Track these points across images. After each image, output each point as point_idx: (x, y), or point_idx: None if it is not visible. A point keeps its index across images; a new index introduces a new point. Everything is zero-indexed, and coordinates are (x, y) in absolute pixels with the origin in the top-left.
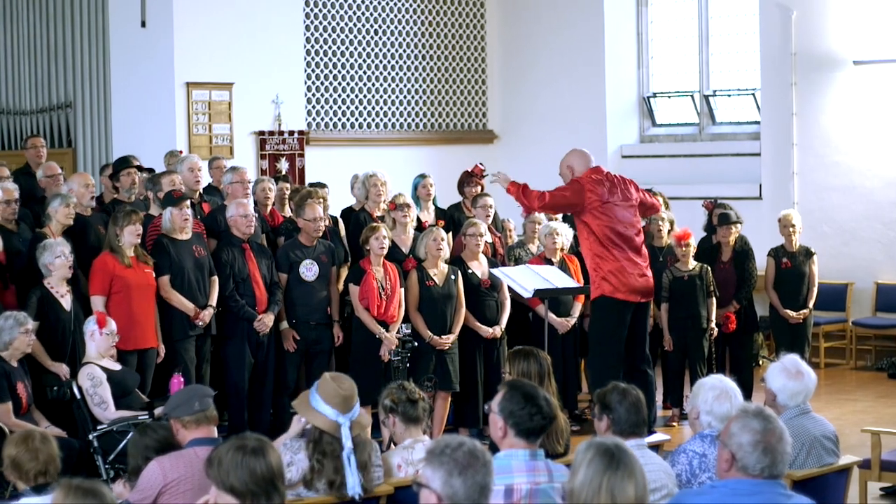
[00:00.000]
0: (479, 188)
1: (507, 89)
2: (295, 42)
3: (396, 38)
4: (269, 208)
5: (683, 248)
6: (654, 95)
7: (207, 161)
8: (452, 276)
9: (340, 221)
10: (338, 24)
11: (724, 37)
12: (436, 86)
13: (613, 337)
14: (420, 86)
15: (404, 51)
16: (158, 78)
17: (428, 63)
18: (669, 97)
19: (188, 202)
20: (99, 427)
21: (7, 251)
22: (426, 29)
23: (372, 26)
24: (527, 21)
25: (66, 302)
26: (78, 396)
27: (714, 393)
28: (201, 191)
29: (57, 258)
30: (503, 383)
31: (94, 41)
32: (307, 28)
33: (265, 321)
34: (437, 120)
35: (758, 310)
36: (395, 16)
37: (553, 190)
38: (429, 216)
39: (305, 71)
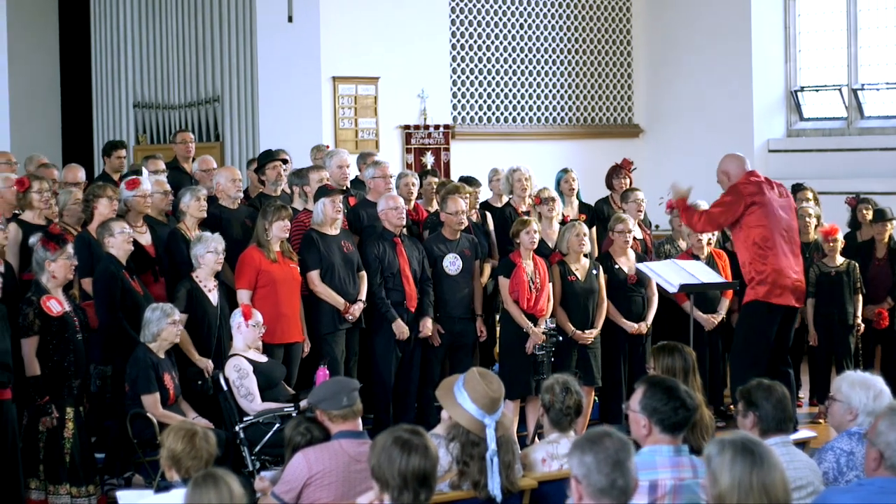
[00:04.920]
0: (627, 182)
1: (653, 83)
2: (440, 36)
3: (542, 32)
4: (412, 202)
5: (831, 244)
6: (802, 89)
7: (357, 155)
8: (594, 271)
9: (489, 216)
10: (483, 17)
11: (873, 30)
12: (581, 79)
13: (760, 340)
14: (565, 79)
15: (549, 44)
16: (305, 72)
17: (573, 56)
18: (817, 91)
19: (341, 196)
20: (245, 418)
21: (157, 244)
22: (572, 23)
23: (517, 20)
24: (673, 14)
25: (214, 297)
26: (224, 388)
27: (873, 392)
28: (348, 186)
29: (209, 252)
30: (640, 380)
31: (241, 36)
32: (452, 22)
33: (424, 329)
34: (582, 114)
35: None
36: (541, 9)
37: (710, 208)
38: (572, 211)
39: (451, 65)
